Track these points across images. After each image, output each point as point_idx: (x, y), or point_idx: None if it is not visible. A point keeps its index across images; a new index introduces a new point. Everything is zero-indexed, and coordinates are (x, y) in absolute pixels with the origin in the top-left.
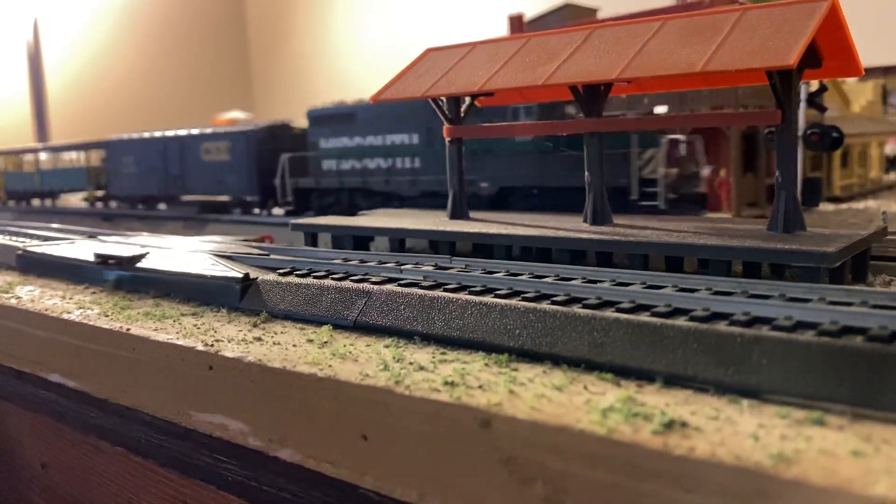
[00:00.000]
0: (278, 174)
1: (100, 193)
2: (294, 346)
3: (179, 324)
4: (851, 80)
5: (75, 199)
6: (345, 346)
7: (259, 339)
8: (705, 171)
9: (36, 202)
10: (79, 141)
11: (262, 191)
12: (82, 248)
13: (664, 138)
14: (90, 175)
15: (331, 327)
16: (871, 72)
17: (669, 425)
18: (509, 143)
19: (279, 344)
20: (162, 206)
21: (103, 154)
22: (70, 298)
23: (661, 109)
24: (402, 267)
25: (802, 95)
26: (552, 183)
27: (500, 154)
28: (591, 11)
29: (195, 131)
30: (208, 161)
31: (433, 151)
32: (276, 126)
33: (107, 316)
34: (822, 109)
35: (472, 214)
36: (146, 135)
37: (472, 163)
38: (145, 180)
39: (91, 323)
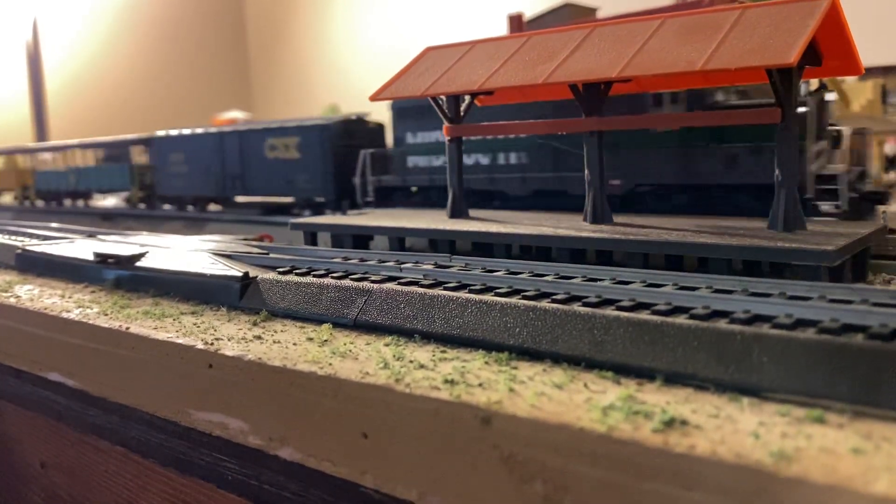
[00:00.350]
0: (358, 172)
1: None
2: (294, 344)
3: (179, 322)
4: (851, 79)
5: (103, 201)
6: (345, 344)
7: (259, 337)
8: (876, 167)
9: (68, 203)
10: (120, 137)
11: (336, 190)
12: (81, 248)
13: (844, 128)
14: (133, 174)
15: (331, 326)
16: (871, 71)
17: (670, 423)
18: (648, 135)
19: (279, 342)
20: (214, 207)
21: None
22: (69, 297)
23: None
24: (402, 265)
25: (802, 94)
26: (701, 180)
27: (635, 147)
28: (591, 11)
29: (259, 125)
30: (273, 158)
31: (547, 145)
32: (351, 120)
33: (106, 315)
34: None
35: (472, 213)
36: (199, 130)
37: None
38: (198, 180)
39: (90, 322)
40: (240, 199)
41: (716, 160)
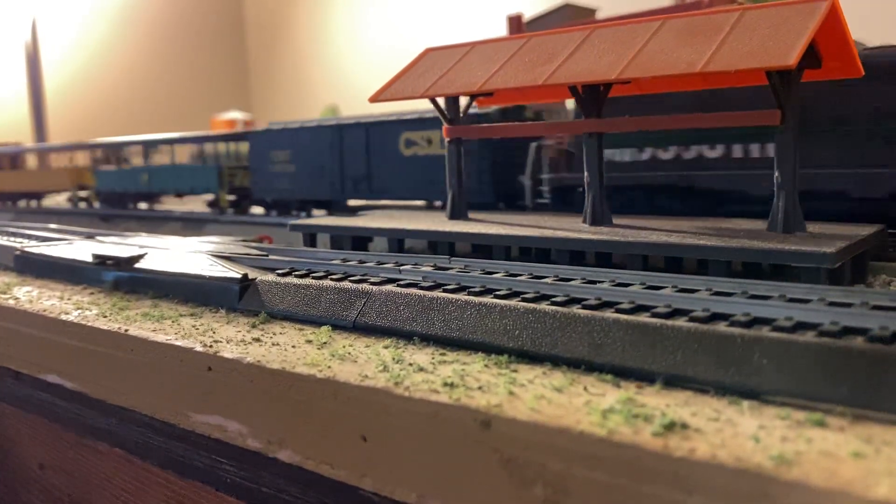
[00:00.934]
0: (528, 169)
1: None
2: (293, 346)
3: (178, 324)
4: None
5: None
6: (344, 346)
7: (258, 339)
8: None
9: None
10: (208, 132)
11: (495, 191)
12: (80, 249)
13: None
14: (223, 174)
15: (330, 328)
16: None
17: (670, 427)
18: None
19: (278, 345)
20: (319, 212)
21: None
22: (68, 299)
23: None
24: (401, 267)
25: None
26: None
27: None
28: (591, 12)
29: (391, 117)
30: (411, 155)
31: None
32: (509, 109)
33: (105, 317)
34: None
35: (471, 215)
36: (312, 123)
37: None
38: (308, 181)
39: (89, 324)
40: (352, 202)
41: None
